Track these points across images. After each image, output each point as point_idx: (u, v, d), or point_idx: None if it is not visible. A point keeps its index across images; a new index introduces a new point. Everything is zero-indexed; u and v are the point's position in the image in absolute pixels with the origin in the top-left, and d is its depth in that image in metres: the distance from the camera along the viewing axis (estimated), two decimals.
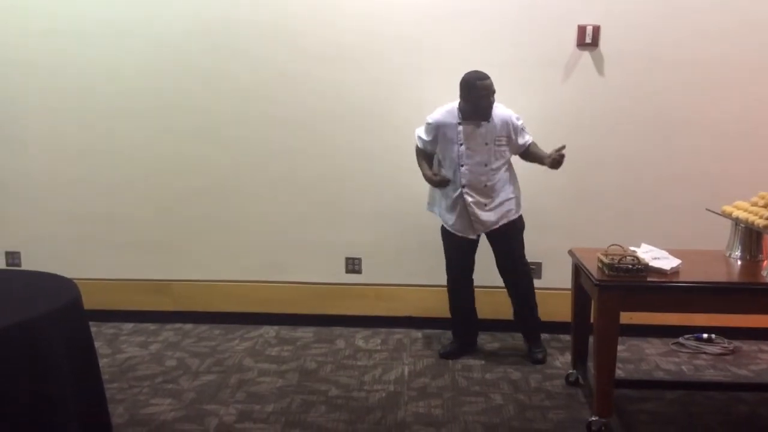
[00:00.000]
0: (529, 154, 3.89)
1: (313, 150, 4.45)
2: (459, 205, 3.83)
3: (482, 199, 3.80)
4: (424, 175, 3.91)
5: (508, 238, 3.91)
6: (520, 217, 3.94)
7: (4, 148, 4.57)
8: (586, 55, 4.25)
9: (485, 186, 3.79)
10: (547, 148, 4.15)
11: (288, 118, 4.43)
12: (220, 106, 4.44)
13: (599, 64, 4.25)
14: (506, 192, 3.85)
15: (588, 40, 4.19)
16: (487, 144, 3.76)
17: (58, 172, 4.57)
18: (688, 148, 4.29)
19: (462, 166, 3.78)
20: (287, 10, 4.30)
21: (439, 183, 3.86)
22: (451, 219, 3.89)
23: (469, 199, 3.80)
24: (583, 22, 4.19)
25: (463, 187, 3.79)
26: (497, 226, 3.86)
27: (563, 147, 3.62)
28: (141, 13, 4.36)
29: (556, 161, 3.64)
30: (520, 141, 3.84)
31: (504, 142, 3.79)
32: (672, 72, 4.22)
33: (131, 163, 4.53)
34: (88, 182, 4.57)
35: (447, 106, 3.84)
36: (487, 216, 3.82)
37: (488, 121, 3.75)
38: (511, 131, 3.80)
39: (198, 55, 4.39)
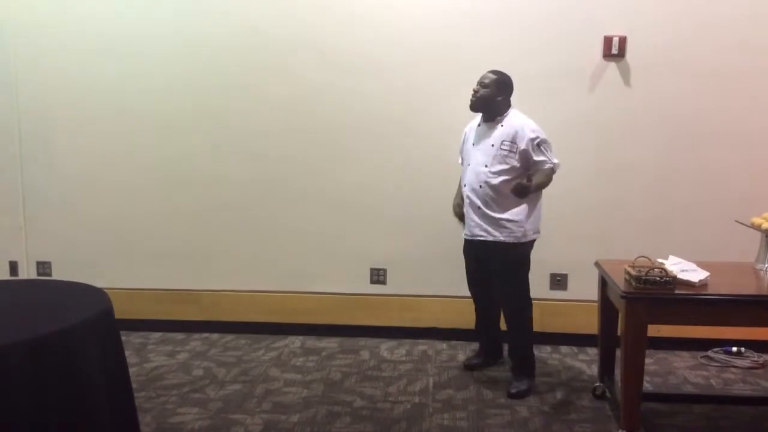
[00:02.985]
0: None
1: (338, 161, 4.49)
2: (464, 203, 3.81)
3: (476, 200, 3.67)
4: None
5: (489, 260, 3.73)
6: (519, 246, 3.65)
7: (35, 160, 4.66)
8: (612, 65, 4.23)
9: (481, 187, 3.64)
10: (573, 158, 4.17)
11: (314, 130, 4.46)
12: (247, 119, 4.49)
13: (625, 74, 4.23)
14: (508, 213, 3.61)
15: (614, 50, 4.18)
16: (492, 145, 3.65)
17: (87, 184, 4.65)
18: (715, 159, 4.25)
19: (469, 164, 3.75)
20: (315, 23, 4.35)
21: (456, 213, 3.93)
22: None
23: (467, 199, 3.74)
24: (609, 33, 4.18)
25: (465, 186, 3.76)
26: (477, 239, 3.69)
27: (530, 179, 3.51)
28: (168, 27, 4.44)
29: (516, 188, 3.47)
30: (535, 157, 3.57)
31: (507, 147, 3.60)
32: (698, 83, 4.19)
33: (160, 175, 4.60)
34: (117, 193, 4.64)
35: None
36: (476, 222, 3.67)
37: (496, 123, 3.67)
38: (517, 138, 3.57)
39: (226, 68, 4.45)
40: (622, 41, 4.18)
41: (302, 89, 4.43)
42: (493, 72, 3.70)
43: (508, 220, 3.61)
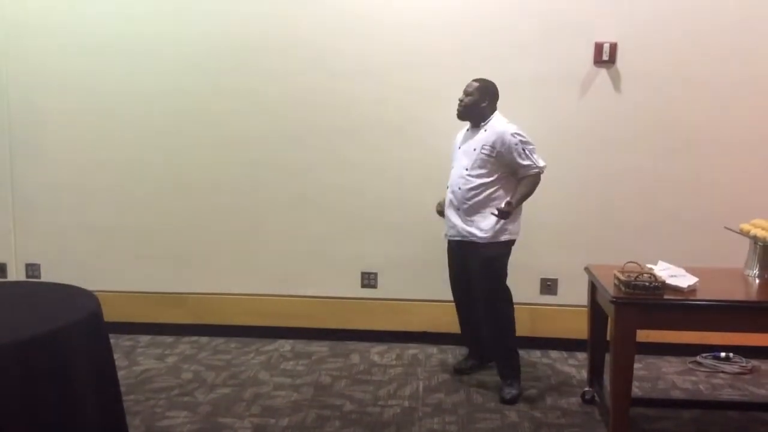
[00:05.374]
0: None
1: (330, 165, 4.48)
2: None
3: (455, 202, 3.72)
4: None
5: (468, 259, 3.73)
6: (492, 246, 3.64)
7: (25, 162, 4.63)
8: (603, 72, 4.25)
9: (459, 189, 3.68)
10: (564, 163, 4.20)
11: (306, 133, 4.46)
12: (238, 122, 4.48)
13: (616, 81, 4.25)
14: (480, 215, 3.65)
15: (605, 57, 4.20)
16: (474, 149, 3.67)
17: (77, 186, 4.63)
18: (705, 165, 4.27)
19: (453, 167, 3.80)
20: (310, 27, 4.35)
21: (437, 211, 3.95)
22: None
23: (448, 200, 3.79)
24: (600, 40, 4.20)
25: (448, 187, 3.80)
26: (455, 239, 3.77)
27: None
28: (163, 30, 4.42)
29: (500, 212, 3.52)
30: (521, 161, 3.57)
31: (488, 152, 3.60)
32: (689, 89, 4.22)
33: (150, 177, 4.58)
34: (106, 195, 4.62)
35: None
36: (454, 222, 3.74)
37: (480, 128, 3.69)
38: (499, 143, 3.58)
39: (219, 71, 4.44)
40: (613, 48, 4.20)
41: (293, 93, 4.43)
42: (476, 80, 3.76)
43: (482, 220, 3.65)
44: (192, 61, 4.45)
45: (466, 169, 3.69)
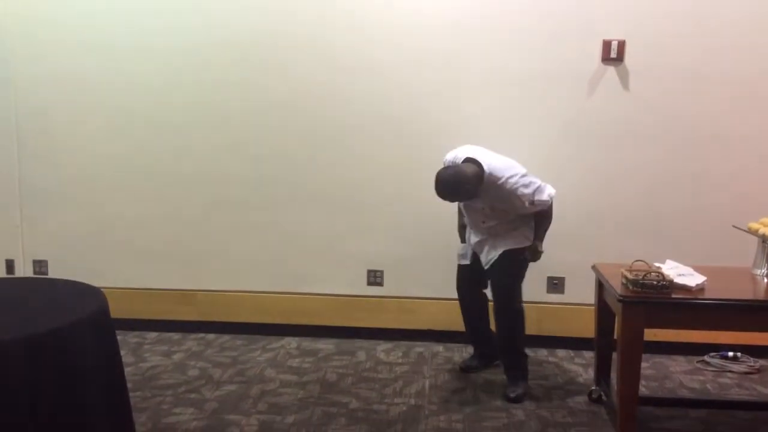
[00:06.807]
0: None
1: (338, 162, 4.48)
2: (467, 234, 3.87)
3: (482, 237, 3.72)
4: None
5: (498, 266, 3.71)
6: (521, 249, 3.68)
7: (33, 158, 4.64)
8: (611, 69, 4.23)
9: (484, 225, 3.68)
10: (572, 161, 4.17)
11: (314, 130, 4.46)
12: (246, 118, 4.48)
13: (624, 79, 4.23)
14: (511, 235, 3.66)
15: (613, 54, 4.18)
16: (483, 208, 3.63)
17: (84, 183, 4.64)
18: (714, 163, 4.25)
19: (467, 215, 3.80)
20: (317, 23, 4.34)
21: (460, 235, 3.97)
22: (462, 244, 3.95)
23: (474, 238, 3.78)
24: (608, 37, 4.18)
25: (471, 231, 3.84)
26: (492, 261, 3.72)
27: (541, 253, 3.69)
28: (171, 25, 4.42)
29: (532, 253, 3.66)
30: (520, 206, 3.51)
31: (500, 206, 3.57)
32: (698, 87, 4.19)
33: (157, 174, 4.59)
34: (114, 192, 4.63)
35: (461, 153, 3.61)
36: (486, 255, 3.71)
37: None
38: (503, 198, 3.49)
39: (226, 67, 4.44)
40: (621, 45, 4.18)
41: (301, 90, 4.42)
42: (446, 182, 3.43)
43: (513, 239, 3.67)
44: (199, 57, 4.44)
45: (483, 222, 3.68)
